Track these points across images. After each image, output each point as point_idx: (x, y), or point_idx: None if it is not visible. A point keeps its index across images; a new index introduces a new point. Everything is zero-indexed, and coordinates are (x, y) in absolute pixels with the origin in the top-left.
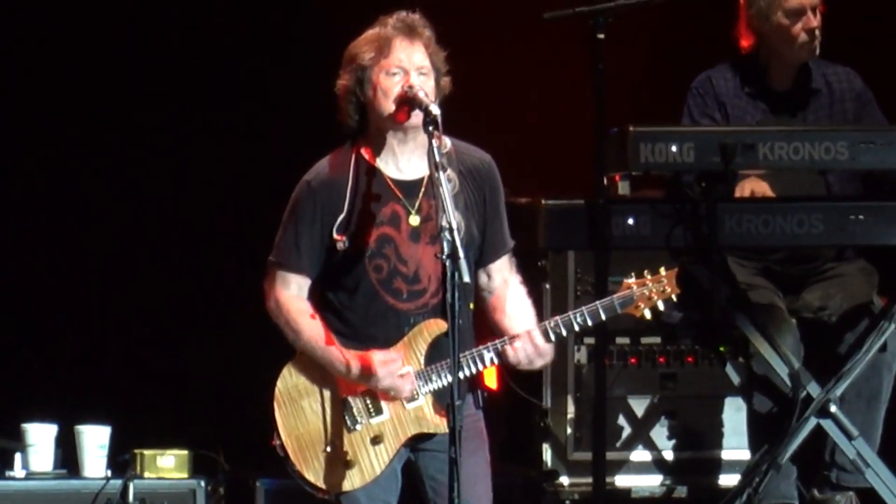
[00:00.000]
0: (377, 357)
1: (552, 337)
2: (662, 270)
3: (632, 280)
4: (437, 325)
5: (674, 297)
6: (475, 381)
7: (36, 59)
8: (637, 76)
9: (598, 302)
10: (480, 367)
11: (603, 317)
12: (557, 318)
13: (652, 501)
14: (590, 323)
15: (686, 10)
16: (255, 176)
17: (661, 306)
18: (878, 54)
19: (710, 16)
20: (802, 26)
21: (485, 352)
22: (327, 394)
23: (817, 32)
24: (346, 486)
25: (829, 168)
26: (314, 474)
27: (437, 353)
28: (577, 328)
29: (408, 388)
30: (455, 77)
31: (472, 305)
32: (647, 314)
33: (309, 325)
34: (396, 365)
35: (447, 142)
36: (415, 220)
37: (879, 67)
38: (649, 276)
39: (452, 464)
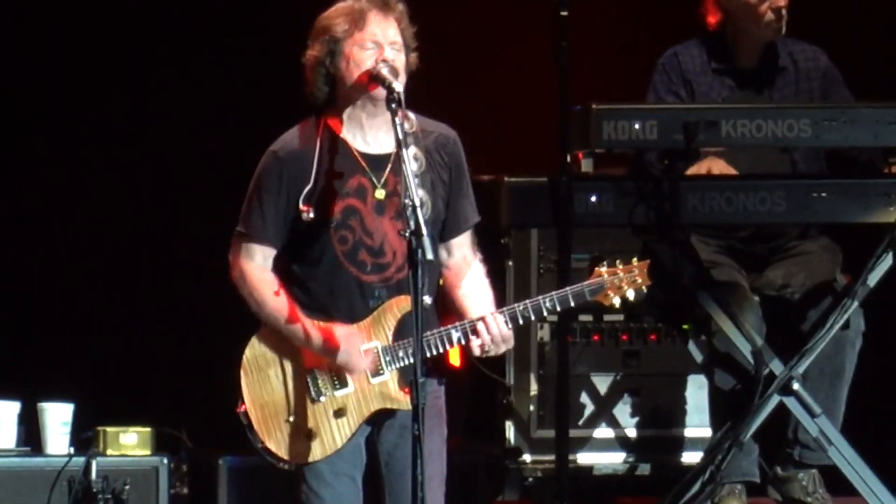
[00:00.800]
0: (339, 331)
1: (520, 321)
2: (635, 261)
3: (603, 268)
4: (407, 302)
5: (644, 289)
6: (439, 358)
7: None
8: (601, 53)
9: (567, 288)
10: (448, 346)
11: (572, 303)
12: (527, 301)
13: (615, 479)
14: (559, 308)
15: None
16: (215, 148)
17: (630, 296)
18: (845, 32)
19: None
20: (769, 5)
21: (452, 331)
22: (293, 364)
23: (784, 12)
24: (308, 457)
25: (792, 145)
26: (276, 444)
27: (405, 329)
28: (545, 313)
29: (363, 365)
30: (419, 53)
31: (441, 283)
32: (617, 303)
33: (272, 297)
34: (356, 340)
35: (414, 119)
36: (380, 193)
37: (847, 45)
38: (621, 266)
39: (416, 441)
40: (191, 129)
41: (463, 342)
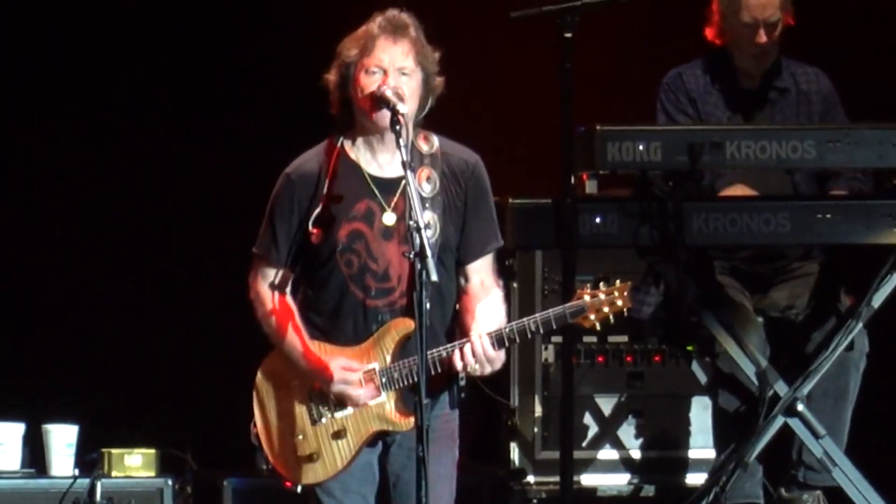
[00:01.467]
0: (337, 362)
1: (506, 343)
2: (617, 282)
3: (586, 290)
4: (406, 324)
5: (625, 312)
6: (451, 379)
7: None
8: (605, 75)
9: (550, 311)
10: (440, 368)
11: (554, 326)
12: (513, 324)
13: (619, 500)
14: (542, 331)
15: (653, 8)
16: (229, 173)
17: (611, 319)
18: (846, 54)
19: (677, 14)
20: (752, 39)
21: (444, 353)
22: (299, 386)
23: (768, 48)
24: (310, 478)
25: (796, 167)
26: (282, 465)
27: (404, 351)
28: (529, 335)
29: (360, 395)
30: None
31: (456, 307)
32: (598, 326)
33: (282, 322)
34: (355, 375)
35: (435, 141)
36: (389, 218)
37: (847, 65)
38: (603, 288)
39: (420, 462)
40: (196, 150)
41: (450, 362)
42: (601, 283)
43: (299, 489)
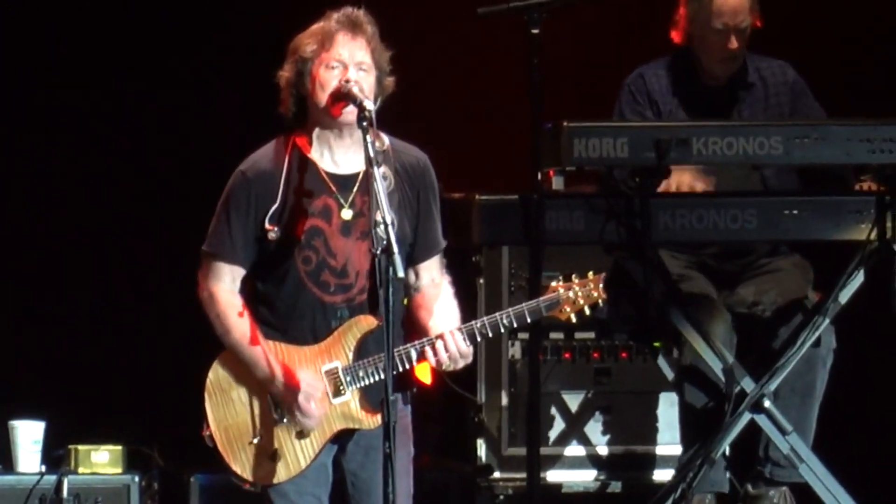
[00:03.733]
0: (304, 377)
1: (478, 338)
2: (590, 274)
3: (559, 283)
4: (368, 322)
5: (600, 303)
6: (405, 378)
7: None
8: (572, 71)
9: (524, 304)
10: (408, 365)
11: (528, 319)
12: (484, 319)
13: (586, 497)
14: (515, 325)
15: (621, 4)
16: (187, 168)
17: (587, 311)
18: (815, 48)
19: (646, 11)
20: (723, 45)
21: (412, 350)
22: (256, 386)
23: (738, 53)
24: (273, 479)
25: (763, 163)
26: (241, 466)
27: (366, 349)
28: (502, 330)
29: (311, 422)
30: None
31: (405, 302)
32: (573, 318)
33: (238, 323)
34: (318, 393)
35: (385, 140)
36: (347, 213)
37: (817, 61)
38: (576, 280)
39: (387, 459)
40: (173, 148)
41: (423, 359)
42: (574, 276)
43: (260, 489)
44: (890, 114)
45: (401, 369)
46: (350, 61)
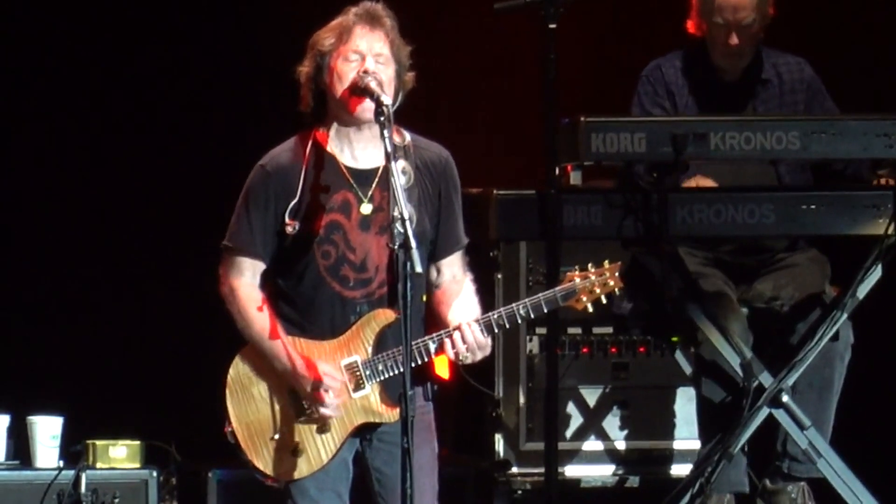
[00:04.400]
0: (324, 369)
1: (495, 330)
2: (606, 263)
3: (575, 272)
4: (386, 315)
5: (617, 291)
6: (425, 372)
7: None
8: (589, 66)
9: (540, 295)
10: (426, 357)
11: (545, 309)
12: (501, 310)
13: (604, 492)
14: (532, 316)
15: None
16: (207, 163)
17: (604, 300)
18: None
19: (662, 5)
20: (724, 40)
21: (430, 343)
22: (276, 382)
23: (739, 49)
24: (294, 474)
25: (781, 158)
26: (263, 462)
27: (385, 342)
28: (520, 321)
29: (331, 412)
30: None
31: (424, 298)
32: (590, 307)
33: (258, 317)
34: (337, 385)
35: (406, 135)
36: (366, 208)
37: (836, 57)
38: (592, 269)
39: (405, 454)
40: (183, 145)
41: (441, 351)
42: (590, 265)
43: (283, 485)
44: None
45: (419, 362)
46: (368, 52)
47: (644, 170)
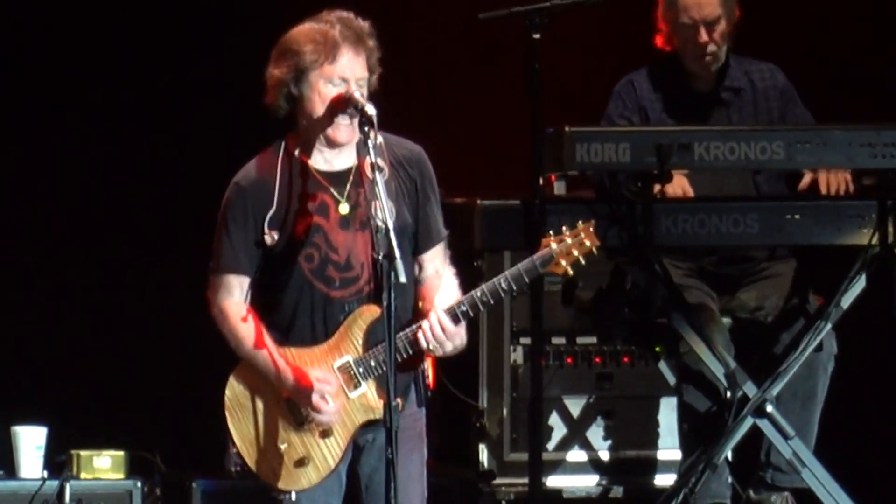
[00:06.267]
0: (315, 375)
1: (480, 308)
2: (580, 223)
3: (550, 237)
4: (371, 311)
5: (594, 250)
6: (419, 378)
7: None
8: (573, 76)
9: (519, 265)
10: (411, 351)
11: (526, 279)
12: (483, 287)
13: (588, 502)
14: (514, 287)
15: (622, 9)
16: (195, 173)
17: (582, 260)
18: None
19: (646, 16)
20: (694, 40)
21: (409, 335)
22: (273, 395)
23: (711, 48)
24: (304, 482)
25: (765, 168)
26: (273, 477)
27: (374, 338)
28: (503, 295)
29: (328, 418)
30: (391, 76)
31: (420, 304)
32: (570, 270)
33: (248, 333)
34: (331, 388)
35: (378, 136)
36: (344, 208)
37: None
38: (567, 232)
39: (389, 465)
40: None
41: (417, 345)
42: (563, 228)
43: (293, 496)
44: (890, 117)
45: (407, 355)
46: (352, 78)
47: (629, 179)
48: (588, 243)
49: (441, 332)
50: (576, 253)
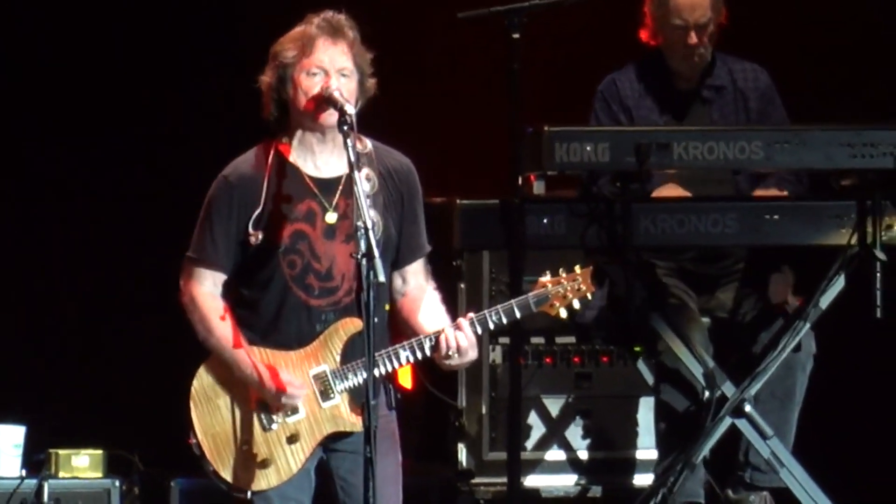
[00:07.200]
0: (287, 378)
1: (478, 329)
2: (577, 269)
3: (547, 278)
4: (353, 324)
5: (589, 296)
6: (388, 381)
7: None
8: (553, 76)
9: (513, 300)
10: (396, 365)
11: (518, 315)
12: (472, 315)
13: (566, 501)
14: (504, 321)
15: (602, 9)
16: (168, 172)
17: (576, 305)
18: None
19: (626, 15)
20: (683, 41)
21: (401, 350)
22: (243, 393)
23: (699, 50)
24: (262, 484)
25: (743, 168)
26: (230, 473)
27: (353, 351)
28: (492, 326)
29: (293, 402)
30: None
31: (387, 307)
32: (563, 313)
33: (220, 326)
34: (302, 392)
35: (368, 143)
36: (331, 217)
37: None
38: (564, 275)
39: (368, 463)
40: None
41: (411, 360)
42: (561, 270)
43: (249, 495)
44: (869, 117)
45: (388, 369)
46: (331, 67)
47: (607, 179)
48: (584, 288)
49: (467, 338)
50: (571, 297)
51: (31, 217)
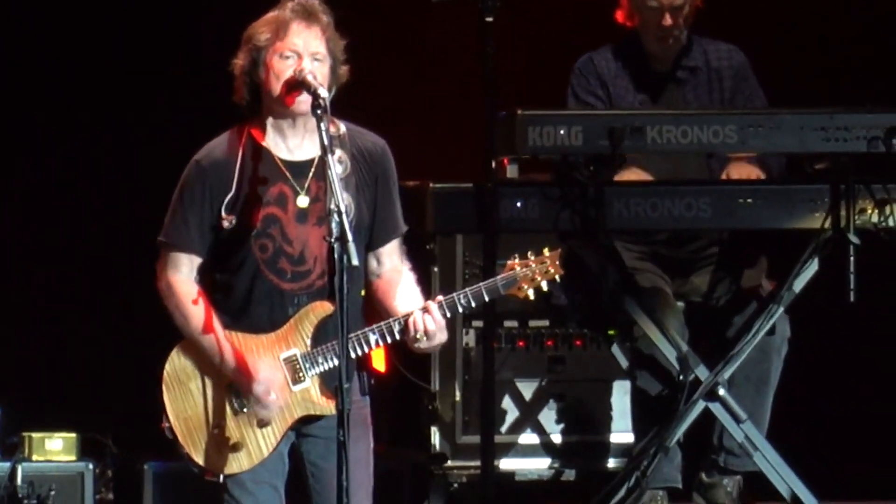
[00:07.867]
0: (262, 368)
1: (447, 314)
2: (546, 251)
3: (515, 261)
4: (324, 307)
5: (557, 278)
6: (361, 366)
7: None
8: (526, 59)
9: (481, 283)
10: (366, 348)
11: (486, 298)
12: (441, 299)
13: (540, 485)
14: (473, 304)
15: None
16: (142, 158)
17: (544, 287)
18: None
19: None
20: (657, 22)
21: (370, 334)
22: (215, 377)
23: (675, 31)
24: (234, 467)
25: (717, 151)
26: (202, 456)
27: (324, 335)
28: (460, 309)
29: (269, 412)
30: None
31: (362, 293)
32: (531, 294)
33: (195, 312)
34: (277, 383)
35: (341, 126)
36: (303, 201)
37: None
38: (532, 257)
39: (341, 447)
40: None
41: (381, 343)
42: (529, 253)
43: (222, 479)
44: (844, 101)
45: (359, 353)
46: (304, 51)
47: (581, 163)
48: (552, 271)
49: (441, 321)
50: (539, 279)
51: (11, 203)
